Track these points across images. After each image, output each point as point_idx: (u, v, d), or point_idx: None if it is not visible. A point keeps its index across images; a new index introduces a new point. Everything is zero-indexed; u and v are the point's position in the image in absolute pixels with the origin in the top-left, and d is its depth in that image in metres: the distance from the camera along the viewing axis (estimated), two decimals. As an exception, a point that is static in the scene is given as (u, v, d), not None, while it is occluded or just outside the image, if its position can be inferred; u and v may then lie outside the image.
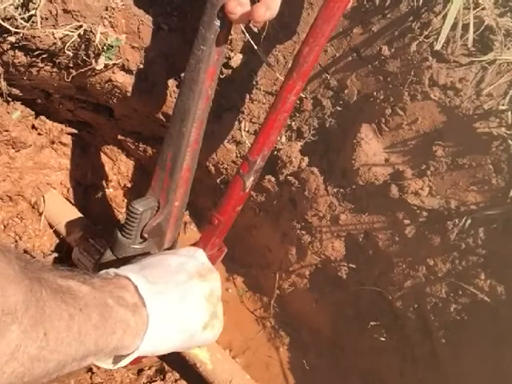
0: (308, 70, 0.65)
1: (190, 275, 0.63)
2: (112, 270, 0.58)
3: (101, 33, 0.79)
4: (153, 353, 0.58)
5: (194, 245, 0.77)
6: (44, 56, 0.85)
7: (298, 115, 0.95)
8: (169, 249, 0.82)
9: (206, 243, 0.77)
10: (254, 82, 0.91)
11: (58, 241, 1.25)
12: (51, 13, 0.77)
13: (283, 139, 0.98)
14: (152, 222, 0.79)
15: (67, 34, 0.78)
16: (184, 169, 0.77)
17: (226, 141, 1.01)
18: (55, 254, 1.21)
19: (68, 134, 1.21)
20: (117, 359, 0.55)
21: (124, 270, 0.58)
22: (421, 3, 0.72)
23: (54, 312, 0.41)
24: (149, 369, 1.17)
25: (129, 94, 0.95)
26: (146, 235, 0.79)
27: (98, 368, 1.13)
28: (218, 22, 0.66)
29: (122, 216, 1.31)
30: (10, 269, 0.38)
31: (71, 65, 0.88)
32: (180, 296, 0.59)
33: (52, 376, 0.43)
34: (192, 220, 1.36)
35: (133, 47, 0.87)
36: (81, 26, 0.78)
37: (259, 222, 1.16)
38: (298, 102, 0.94)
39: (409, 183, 0.81)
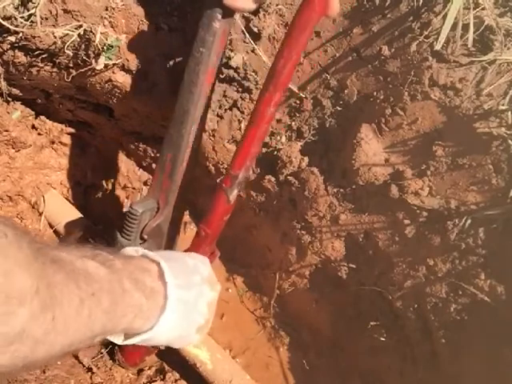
0: (285, 82, 0.63)
1: (203, 279, 0.64)
2: (141, 250, 0.59)
3: (101, 33, 0.79)
4: (149, 341, 0.58)
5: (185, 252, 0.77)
6: (44, 56, 0.85)
7: (297, 115, 0.95)
8: (169, 249, 0.82)
9: (196, 252, 0.76)
10: (254, 82, 0.91)
11: (58, 241, 1.25)
12: (51, 13, 0.77)
13: (283, 139, 0.98)
14: (152, 223, 0.79)
15: (67, 34, 0.78)
16: (183, 166, 0.77)
17: (226, 141, 1.01)
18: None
19: (68, 134, 1.21)
20: (127, 336, 0.56)
21: (153, 255, 0.58)
22: (421, 3, 0.72)
23: (64, 297, 0.42)
24: (149, 369, 1.17)
25: (129, 94, 0.95)
26: (145, 236, 0.80)
27: (98, 368, 1.13)
28: (217, 24, 0.66)
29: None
30: (20, 253, 0.38)
31: (71, 65, 0.88)
32: (194, 296, 0.61)
33: (56, 357, 0.44)
34: (192, 220, 1.36)
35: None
36: (81, 26, 0.78)
37: (259, 221, 1.16)
38: (298, 101, 0.94)
39: (409, 183, 0.81)
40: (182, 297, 0.58)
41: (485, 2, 0.69)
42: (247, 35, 0.82)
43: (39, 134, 1.15)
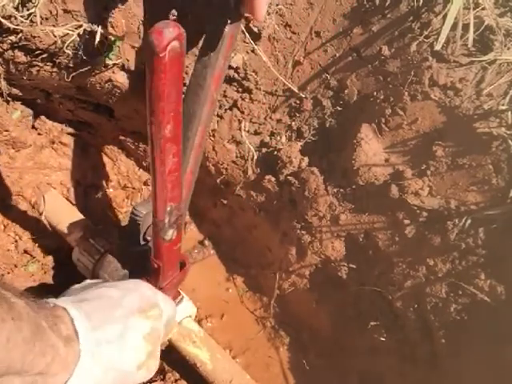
0: (174, 140, 0.55)
1: (129, 311, 0.60)
2: (51, 300, 0.55)
3: (101, 33, 0.79)
4: None
5: (148, 280, 0.75)
6: (44, 56, 0.85)
7: (298, 115, 0.95)
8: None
9: (156, 279, 0.75)
10: (254, 82, 0.91)
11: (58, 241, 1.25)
12: (51, 13, 0.77)
13: (283, 139, 0.98)
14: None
15: (67, 33, 0.78)
16: (187, 172, 0.76)
17: (226, 141, 1.01)
18: (55, 254, 1.21)
19: (68, 134, 1.20)
20: None
21: (62, 301, 0.55)
22: (421, 3, 0.73)
23: None
24: (149, 369, 1.17)
25: (129, 94, 0.95)
26: (148, 238, 0.79)
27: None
28: (226, 28, 0.66)
29: (122, 216, 1.31)
30: None
31: (71, 65, 0.87)
32: (116, 334, 0.57)
33: None
34: (192, 220, 1.36)
35: (133, 47, 0.87)
36: (81, 26, 0.78)
37: (259, 221, 1.16)
38: (298, 101, 0.94)
39: (409, 183, 0.81)
40: (100, 339, 0.54)
41: (485, 2, 0.69)
42: (247, 35, 0.82)
43: (39, 134, 1.15)
